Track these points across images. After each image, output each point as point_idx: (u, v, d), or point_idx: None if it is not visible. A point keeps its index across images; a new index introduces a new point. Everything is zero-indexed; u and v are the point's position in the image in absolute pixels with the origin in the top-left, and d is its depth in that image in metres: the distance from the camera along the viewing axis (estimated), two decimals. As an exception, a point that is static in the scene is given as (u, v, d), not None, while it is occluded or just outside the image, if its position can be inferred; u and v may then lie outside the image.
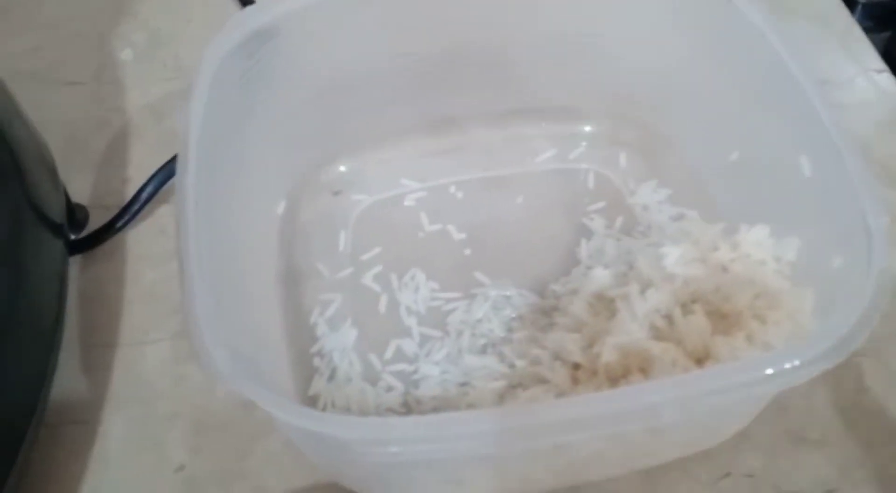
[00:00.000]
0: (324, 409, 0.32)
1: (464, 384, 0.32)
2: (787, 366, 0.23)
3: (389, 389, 0.32)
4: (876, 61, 0.44)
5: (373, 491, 0.29)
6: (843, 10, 0.47)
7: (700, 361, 0.28)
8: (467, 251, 0.37)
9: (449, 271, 0.36)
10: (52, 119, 0.34)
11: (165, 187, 0.38)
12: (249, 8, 0.32)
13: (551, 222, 0.38)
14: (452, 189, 0.39)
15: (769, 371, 0.22)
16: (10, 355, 0.28)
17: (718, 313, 0.30)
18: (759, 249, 0.31)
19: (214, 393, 0.33)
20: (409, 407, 0.32)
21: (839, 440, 0.31)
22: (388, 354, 0.34)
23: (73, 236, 0.36)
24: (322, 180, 0.39)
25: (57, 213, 0.33)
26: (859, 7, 0.51)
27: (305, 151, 0.38)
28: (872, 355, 0.33)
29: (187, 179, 0.27)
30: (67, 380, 0.33)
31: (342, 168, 0.39)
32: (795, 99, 0.30)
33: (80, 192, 0.38)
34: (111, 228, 0.37)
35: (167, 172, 0.37)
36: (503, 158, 0.40)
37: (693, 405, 0.22)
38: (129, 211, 0.37)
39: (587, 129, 0.40)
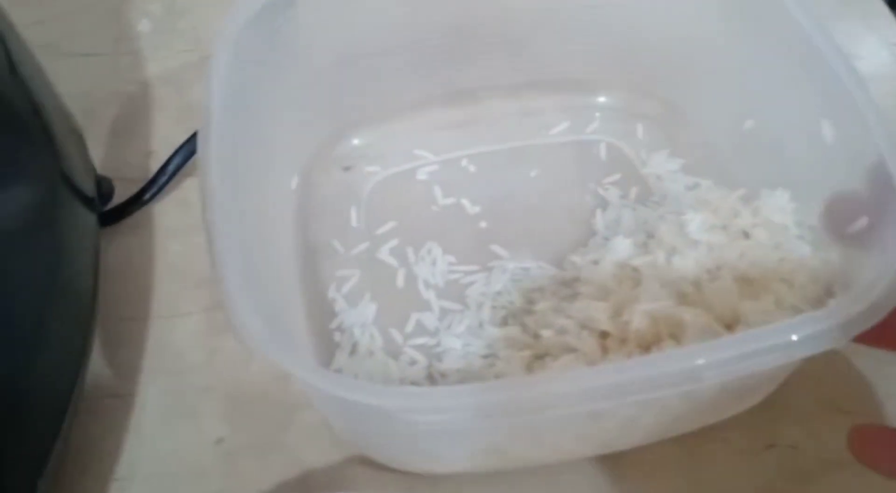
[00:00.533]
0: (347, 384, 0.32)
1: (487, 356, 0.32)
2: (822, 328, 0.23)
3: (413, 362, 0.32)
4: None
5: (404, 463, 0.29)
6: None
7: (730, 326, 0.28)
8: (483, 224, 0.37)
9: (465, 245, 0.36)
10: (70, 91, 0.33)
11: (191, 161, 0.37)
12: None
13: (566, 194, 0.38)
14: (465, 162, 0.39)
15: (808, 332, 0.22)
16: (54, 328, 0.28)
17: (745, 279, 0.30)
18: (780, 213, 0.31)
19: (249, 366, 0.32)
20: (433, 380, 0.32)
21: (874, 412, 0.32)
22: (409, 328, 0.33)
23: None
24: (334, 154, 0.38)
25: (88, 186, 0.33)
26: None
27: (319, 125, 0.37)
28: None
29: (210, 153, 0.26)
30: (100, 354, 0.33)
31: (355, 141, 0.39)
32: (815, 64, 0.30)
33: (103, 164, 0.38)
34: (138, 201, 0.37)
35: (193, 144, 0.37)
36: (517, 131, 0.39)
37: (733, 369, 0.22)
38: (156, 183, 0.37)
39: (601, 100, 0.40)
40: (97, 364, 0.32)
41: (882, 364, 0.33)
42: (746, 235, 0.31)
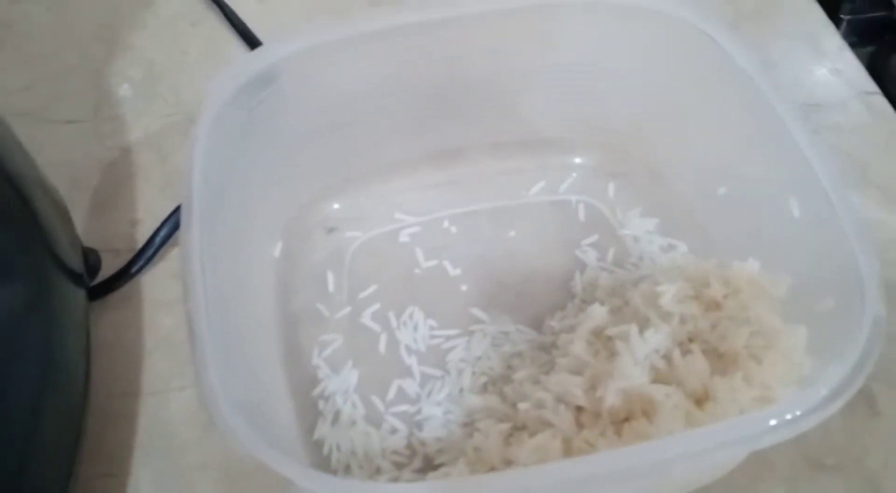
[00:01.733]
0: (328, 453, 0.32)
1: (467, 424, 0.32)
2: (788, 418, 0.24)
3: (394, 431, 0.33)
4: (868, 83, 0.45)
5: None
6: (833, 31, 0.48)
7: (700, 401, 0.29)
8: (463, 287, 0.37)
9: (446, 308, 0.37)
10: (52, 160, 0.33)
11: (177, 232, 0.38)
12: (250, 54, 0.31)
13: (544, 255, 0.38)
14: (446, 223, 0.39)
15: (774, 422, 0.23)
16: (48, 411, 0.28)
17: (715, 353, 0.30)
18: (750, 285, 0.32)
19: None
20: (413, 449, 0.32)
21: (856, 466, 0.32)
22: (391, 395, 0.34)
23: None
24: (316, 219, 0.39)
25: (75, 261, 0.33)
26: (844, 23, 0.52)
27: (300, 191, 0.38)
28: (884, 380, 0.34)
29: (192, 235, 0.27)
30: (93, 431, 0.32)
31: (336, 205, 0.39)
32: (784, 142, 0.31)
33: (88, 235, 0.37)
34: (126, 274, 0.36)
35: (179, 216, 0.37)
36: (495, 191, 0.40)
37: (700, 460, 0.23)
38: (144, 255, 0.37)
39: (577, 160, 0.41)
40: (90, 441, 0.32)
41: (861, 418, 0.34)
42: (718, 305, 0.32)
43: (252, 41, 0.45)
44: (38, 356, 0.29)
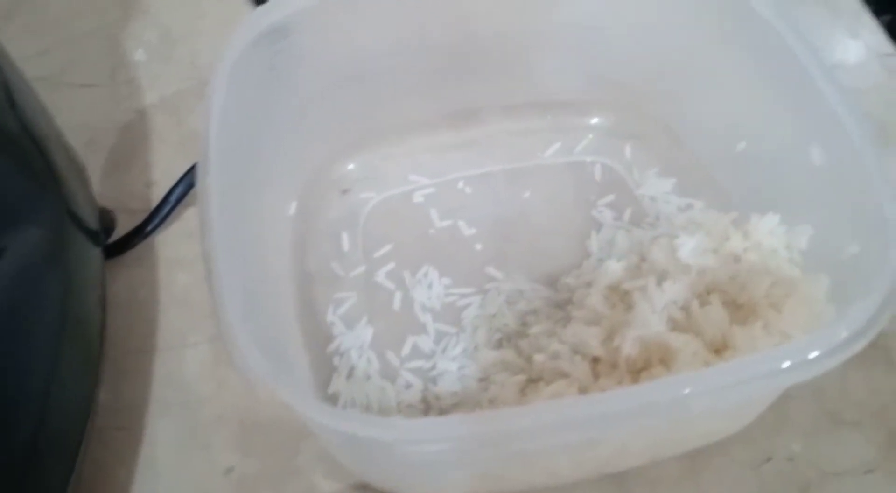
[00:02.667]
0: (344, 406, 0.32)
1: (483, 379, 0.32)
2: (809, 357, 0.23)
3: (408, 386, 0.33)
4: (886, 46, 0.45)
5: (405, 489, 0.29)
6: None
7: (719, 351, 0.28)
8: (478, 246, 0.37)
9: (461, 267, 0.36)
10: (70, 122, 0.33)
11: (193, 191, 0.38)
12: (262, 7, 0.31)
13: (560, 216, 0.38)
14: (461, 184, 0.39)
15: (789, 363, 0.23)
16: (65, 363, 0.28)
17: (734, 303, 0.30)
18: (770, 237, 0.32)
19: (257, 395, 0.33)
20: (428, 403, 0.32)
21: (875, 421, 0.32)
22: (405, 350, 0.34)
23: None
24: (331, 179, 0.39)
25: (92, 220, 0.33)
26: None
27: (315, 150, 0.38)
28: None
29: (208, 185, 0.27)
30: (109, 386, 0.33)
31: (350, 166, 0.39)
32: (805, 88, 0.30)
33: (104, 196, 0.38)
34: (141, 233, 0.37)
35: (194, 175, 0.37)
36: (512, 152, 0.40)
37: (719, 398, 0.23)
38: (159, 215, 0.37)
39: (594, 121, 0.40)
40: (106, 397, 0.32)
41: (880, 374, 0.33)
42: (737, 258, 0.32)
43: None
44: (57, 308, 0.29)
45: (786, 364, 0.23)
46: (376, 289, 0.36)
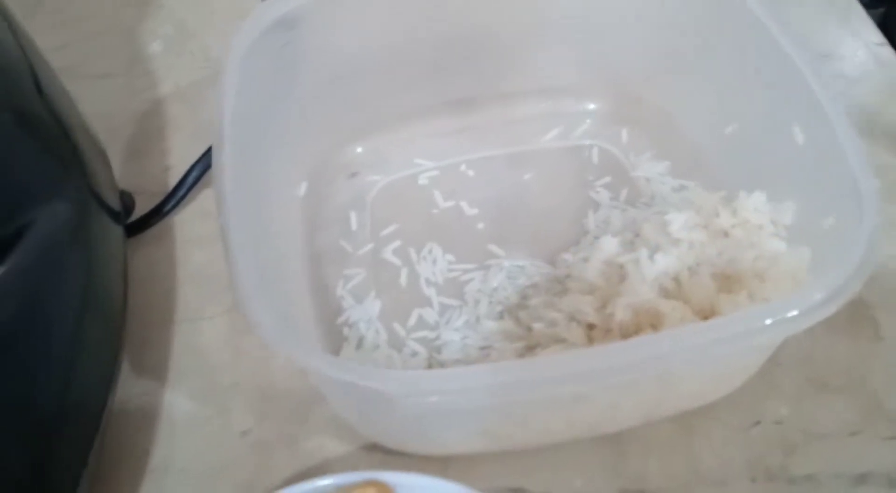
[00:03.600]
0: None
1: (484, 348, 0.34)
2: (787, 315, 0.25)
3: (414, 354, 0.34)
4: (876, 35, 0.47)
5: (411, 446, 0.31)
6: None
7: (706, 317, 0.30)
8: (480, 225, 0.39)
9: (464, 245, 0.38)
10: (90, 112, 0.35)
11: (208, 173, 0.40)
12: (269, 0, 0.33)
13: (559, 196, 0.40)
14: (464, 167, 0.41)
15: (769, 321, 0.25)
16: (89, 335, 0.30)
17: (722, 275, 0.32)
18: (756, 214, 0.33)
19: (272, 363, 0.34)
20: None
21: (859, 386, 0.34)
22: (411, 322, 0.36)
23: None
24: (340, 162, 0.41)
25: (114, 201, 0.35)
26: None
27: (324, 134, 0.40)
28: (885, 309, 0.35)
29: (223, 162, 0.29)
30: (130, 356, 0.35)
31: (359, 150, 0.41)
32: (788, 74, 0.32)
33: (124, 180, 0.40)
34: (159, 212, 0.39)
35: (209, 158, 0.39)
36: (511, 137, 0.42)
37: (700, 354, 0.24)
38: (176, 195, 0.39)
39: (591, 107, 0.42)
40: (127, 366, 0.34)
41: (865, 342, 0.35)
42: (725, 234, 0.33)
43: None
44: (81, 281, 0.31)
45: (763, 322, 0.24)
46: (383, 265, 0.38)
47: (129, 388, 0.34)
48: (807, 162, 0.32)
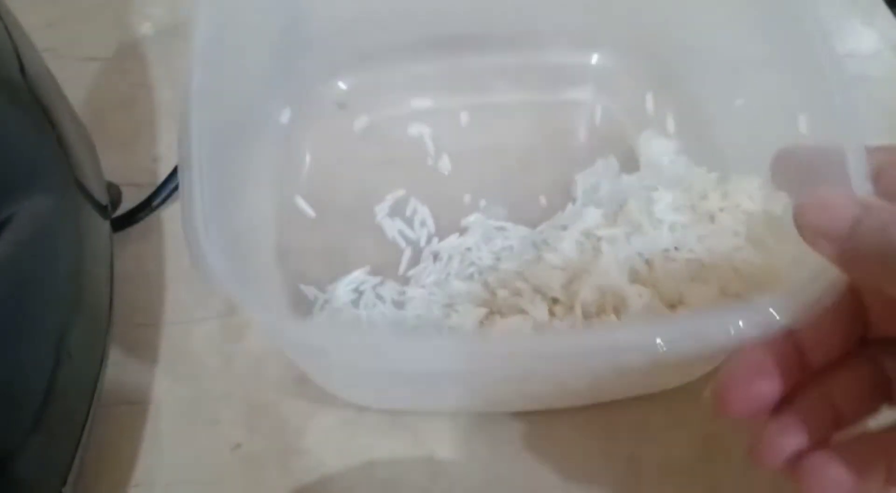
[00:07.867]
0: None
1: (447, 305, 0.33)
2: (741, 325, 0.23)
3: (375, 305, 0.34)
4: (901, 35, 0.43)
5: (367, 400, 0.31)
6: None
7: (673, 306, 0.29)
8: (464, 180, 0.37)
9: (444, 200, 0.37)
10: (75, 96, 0.32)
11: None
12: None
13: (549, 158, 0.38)
14: (455, 115, 0.39)
15: (731, 329, 0.23)
16: (74, 335, 0.28)
17: (699, 262, 0.30)
18: (748, 200, 0.32)
19: (265, 371, 0.33)
20: (394, 325, 0.33)
21: None
22: (381, 277, 0.34)
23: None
24: (325, 95, 0.39)
25: (100, 194, 0.32)
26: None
27: (308, 65, 0.38)
28: None
29: (193, 86, 0.27)
30: (116, 360, 0.32)
31: (342, 85, 0.39)
32: (805, 56, 0.29)
33: (110, 170, 0.36)
34: (147, 206, 0.36)
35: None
36: (507, 88, 0.40)
37: (650, 353, 0.23)
38: (166, 189, 0.36)
39: (595, 61, 0.40)
40: (112, 371, 0.31)
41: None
42: (712, 218, 0.32)
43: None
44: (66, 278, 0.28)
45: (722, 329, 0.23)
46: (359, 215, 0.36)
47: (114, 394, 0.32)
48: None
